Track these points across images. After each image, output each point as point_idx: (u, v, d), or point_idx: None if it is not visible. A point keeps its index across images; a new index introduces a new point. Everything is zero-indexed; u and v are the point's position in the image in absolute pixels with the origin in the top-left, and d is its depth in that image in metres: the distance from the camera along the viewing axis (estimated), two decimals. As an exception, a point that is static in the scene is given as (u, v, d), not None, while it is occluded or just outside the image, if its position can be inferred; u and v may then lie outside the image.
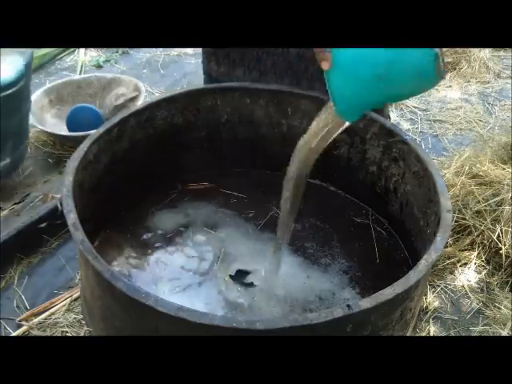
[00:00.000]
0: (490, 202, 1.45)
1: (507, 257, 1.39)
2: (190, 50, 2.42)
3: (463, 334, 1.28)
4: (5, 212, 1.46)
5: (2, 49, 1.37)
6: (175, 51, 2.41)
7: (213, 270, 1.19)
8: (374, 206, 1.36)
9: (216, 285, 1.15)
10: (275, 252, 1.17)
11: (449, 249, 1.44)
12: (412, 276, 0.89)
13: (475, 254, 1.43)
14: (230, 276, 1.16)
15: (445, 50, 2.36)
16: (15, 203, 1.50)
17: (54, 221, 1.44)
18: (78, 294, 1.25)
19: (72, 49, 2.29)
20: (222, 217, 1.32)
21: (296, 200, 1.06)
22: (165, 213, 1.32)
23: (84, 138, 1.15)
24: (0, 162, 1.45)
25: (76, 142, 1.13)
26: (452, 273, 1.42)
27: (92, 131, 1.18)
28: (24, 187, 1.56)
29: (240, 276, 1.17)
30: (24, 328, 1.21)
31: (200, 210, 1.34)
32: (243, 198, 1.38)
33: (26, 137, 1.55)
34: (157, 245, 1.24)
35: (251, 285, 1.15)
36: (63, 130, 1.71)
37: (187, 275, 1.17)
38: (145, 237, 1.25)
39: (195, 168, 1.40)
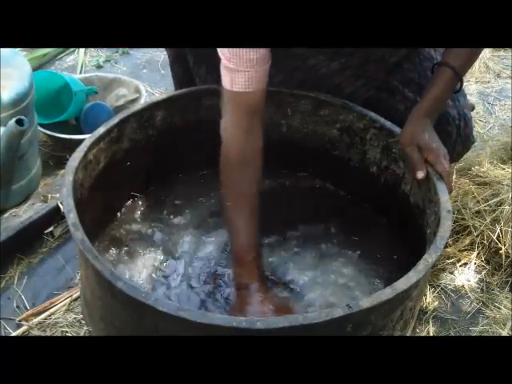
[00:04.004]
0: (490, 202, 1.46)
1: (507, 257, 1.39)
2: (190, 50, 2.41)
3: (463, 334, 1.28)
4: (5, 214, 1.46)
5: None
6: (175, 51, 2.41)
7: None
8: (374, 207, 1.36)
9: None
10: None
11: (449, 249, 1.44)
12: (412, 276, 0.89)
13: (475, 254, 1.43)
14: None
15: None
16: (15, 205, 1.50)
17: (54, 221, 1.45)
18: (78, 293, 1.25)
19: (72, 49, 2.29)
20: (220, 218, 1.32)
21: None
22: (165, 213, 1.32)
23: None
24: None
25: (76, 144, 1.13)
26: (452, 273, 1.42)
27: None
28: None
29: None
30: (24, 328, 1.21)
31: (199, 210, 1.34)
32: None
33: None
34: (156, 244, 1.24)
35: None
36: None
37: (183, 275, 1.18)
38: (145, 236, 1.25)
39: (195, 168, 1.41)
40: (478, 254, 1.43)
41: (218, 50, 1.06)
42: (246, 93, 1.08)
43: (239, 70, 1.05)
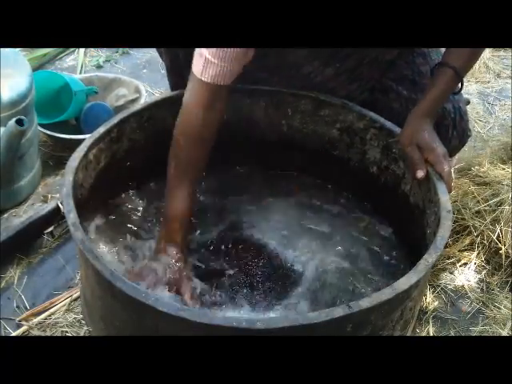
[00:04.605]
0: (490, 202, 1.46)
1: (507, 257, 1.39)
2: (189, 50, 2.41)
3: (463, 334, 1.28)
4: (5, 214, 1.46)
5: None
6: (175, 51, 2.41)
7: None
8: (374, 207, 1.36)
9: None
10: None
11: (448, 249, 1.44)
12: (412, 276, 0.89)
13: (475, 254, 1.43)
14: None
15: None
16: (15, 205, 1.50)
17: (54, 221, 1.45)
18: (78, 293, 1.25)
19: (72, 49, 2.29)
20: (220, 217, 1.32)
21: None
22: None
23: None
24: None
25: (76, 144, 1.14)
26: (452, 273, 1.42)
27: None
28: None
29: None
30: (24, 328, 1.21)
31: (199, 210, 1.34)
32: (243, 198, 1.38)
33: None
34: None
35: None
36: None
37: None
38: (145, 236, 1.25)
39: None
40: (477, 253, 1.43)
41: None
42: (213, 85, 1.10)
43: (214, 62, 1.06)
